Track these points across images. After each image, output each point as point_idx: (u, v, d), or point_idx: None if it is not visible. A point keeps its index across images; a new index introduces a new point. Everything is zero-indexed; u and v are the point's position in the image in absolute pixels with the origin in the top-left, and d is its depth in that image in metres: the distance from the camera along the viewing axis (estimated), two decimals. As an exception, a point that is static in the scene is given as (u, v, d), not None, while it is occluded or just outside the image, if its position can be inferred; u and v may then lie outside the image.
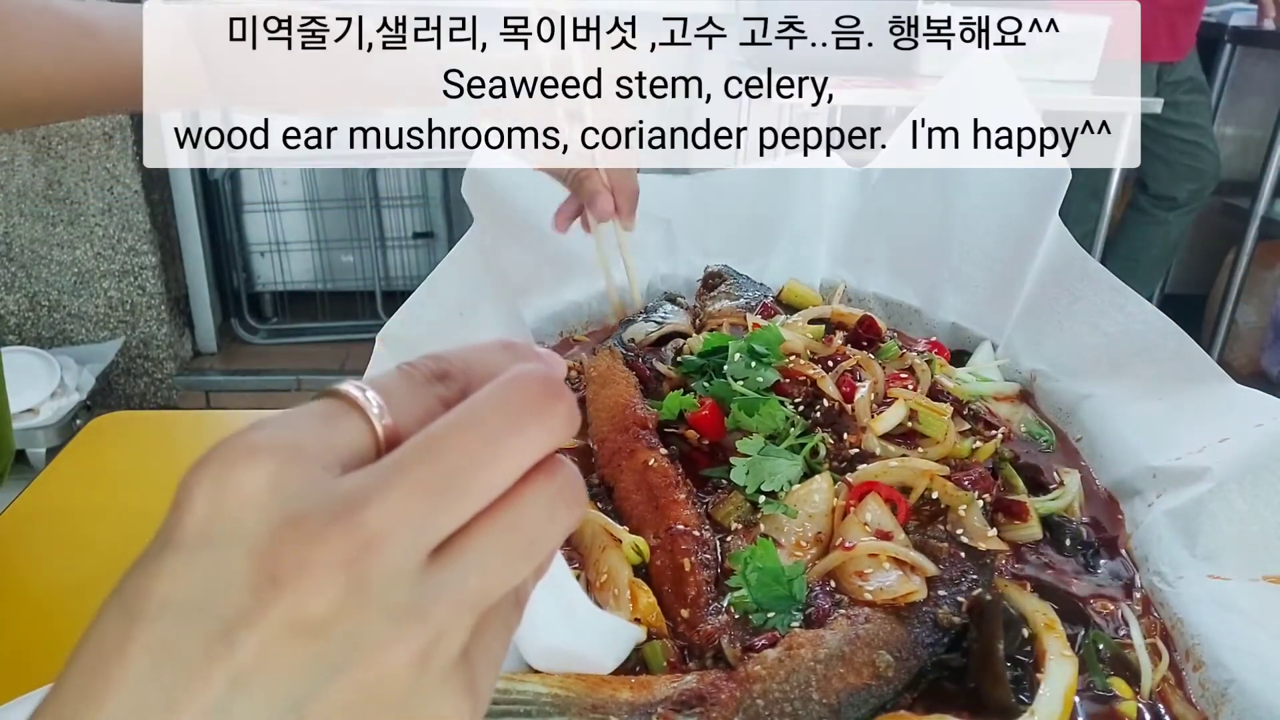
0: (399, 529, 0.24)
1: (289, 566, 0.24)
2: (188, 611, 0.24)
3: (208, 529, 0.24)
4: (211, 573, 0.24)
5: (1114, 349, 0.80)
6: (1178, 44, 2.76)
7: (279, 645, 0.23)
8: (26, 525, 0.88)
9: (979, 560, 0.61)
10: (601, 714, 0.47)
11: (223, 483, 0.24)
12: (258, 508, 0.24)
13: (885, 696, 0.51)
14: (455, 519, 0.26)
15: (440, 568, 0.25)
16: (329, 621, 0.24)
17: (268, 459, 0.25)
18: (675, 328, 0.91)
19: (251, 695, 0.23)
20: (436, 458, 0.25)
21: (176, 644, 0.23)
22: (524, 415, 0.27)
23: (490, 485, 0.26)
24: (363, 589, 0.24)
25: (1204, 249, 3.40)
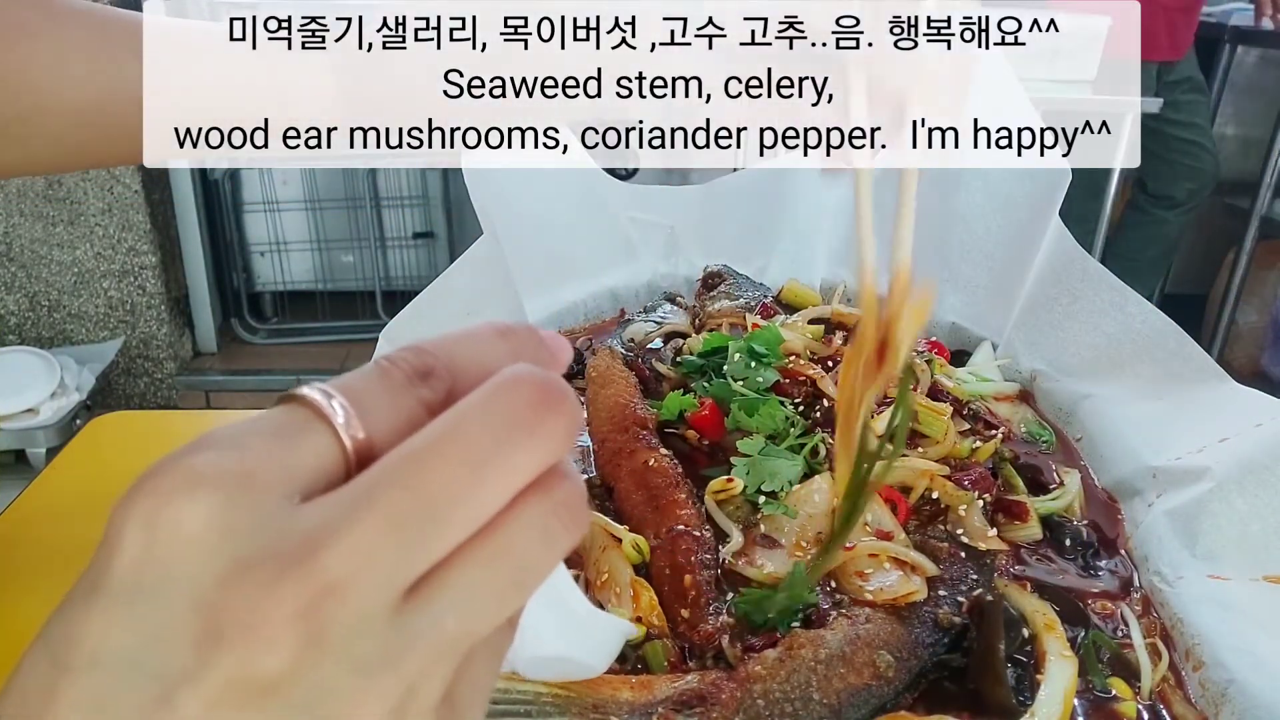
0: (365, 572, 0.21)
1: (236, 619, 0.20)
2: (121, 668, 0.20)
3: (141, 574, 0.21)
4: (147, 625, 0.21)
5: (1114, 349, 0.80)
6: (1177, 43, 2.76)
7: (226, 709, 0.20)
8: (26, 525, 0.88)
9: (979, 560, 0.61)
10: (602, 714, 0.47)
11: (157, 520, 0.21)
12: (199, 550, 0.21)
13: (886, 697, 0.51)
14: (431, 556, 0.22)
15: (415, 609, 0.22)
16: (284, 680, 0.20)
17: (211, 491, 0.21)
18: (675, 328, 0.91)
19: None
20: (411, 484, 0.22)
21: (108, 704, 0.20)
22: (516, 431, 0.23)
23: (474, 515, 0.22)
24: (322, 642, 0.21)
25: (1204, 249, 3.40)
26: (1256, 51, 3.36)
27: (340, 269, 3.30)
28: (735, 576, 0.61)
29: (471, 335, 0.26)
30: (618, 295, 1.04)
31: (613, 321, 0.99)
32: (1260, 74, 3.40)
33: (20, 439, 2.43)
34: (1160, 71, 2.78)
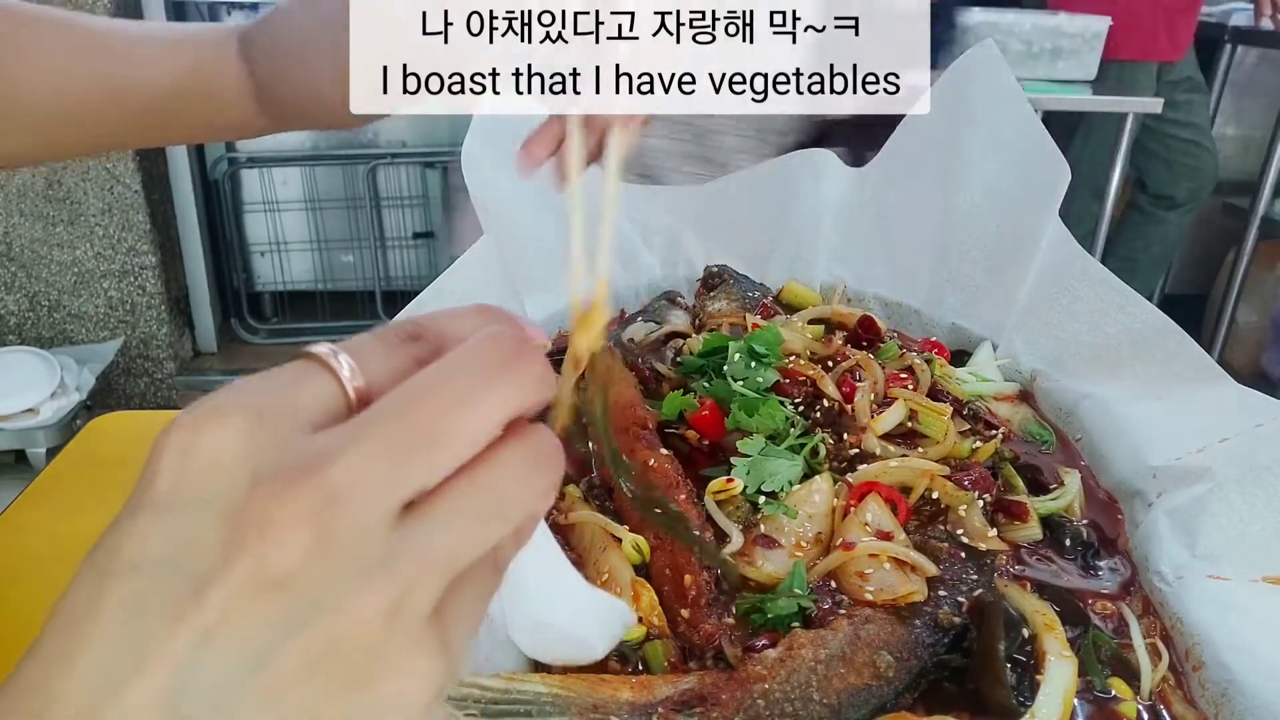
0: (365, 485, 0.25)
1: (254, 524, 0.24)
2: (157, 570, 0.24)
3: (177, 490, 0.25)
4: (180, 532, 0.24)
5: (1114, 349, 0.80)
6: (1176, 43, 2.76)
7: (245, 601, 0.24)
8: (26, 525, 0.88)
9: (979, 560, 0.61)
10: (602, 714, 0.47)
11: (192, 444, 0.25)
12: (225, 468, 0.25)
13: (886, 697, 0.51)
14: (423, 476, 0.26)
15: (409, 526, 0.25)
16: (294, 576, 0.24)
17: (236, 420, 0.25)
18: (675, 328, 0.91)
19: (219, 651, 0.24)
20: (404, 415, 0.26)
21: (146, 602, 0.24)
22: (493, 374, 0.27)
23: (459, 444, 0.26)
24: (328, 544, 0.24)
25: (1204, 249, 3.40)
26: (1256, 51, 3.36)
27: (340, 269, 3.30)
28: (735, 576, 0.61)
29: (455, 312, 0.30)
30: (618, 295, 1.04)
31: (613, 322, 0.99)
32: (1260, 74, 3.40)
33: (20, 439, 2.43)
34: (1160, 71, 2.79)
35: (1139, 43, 2.71)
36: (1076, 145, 2.71)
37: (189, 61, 0.72)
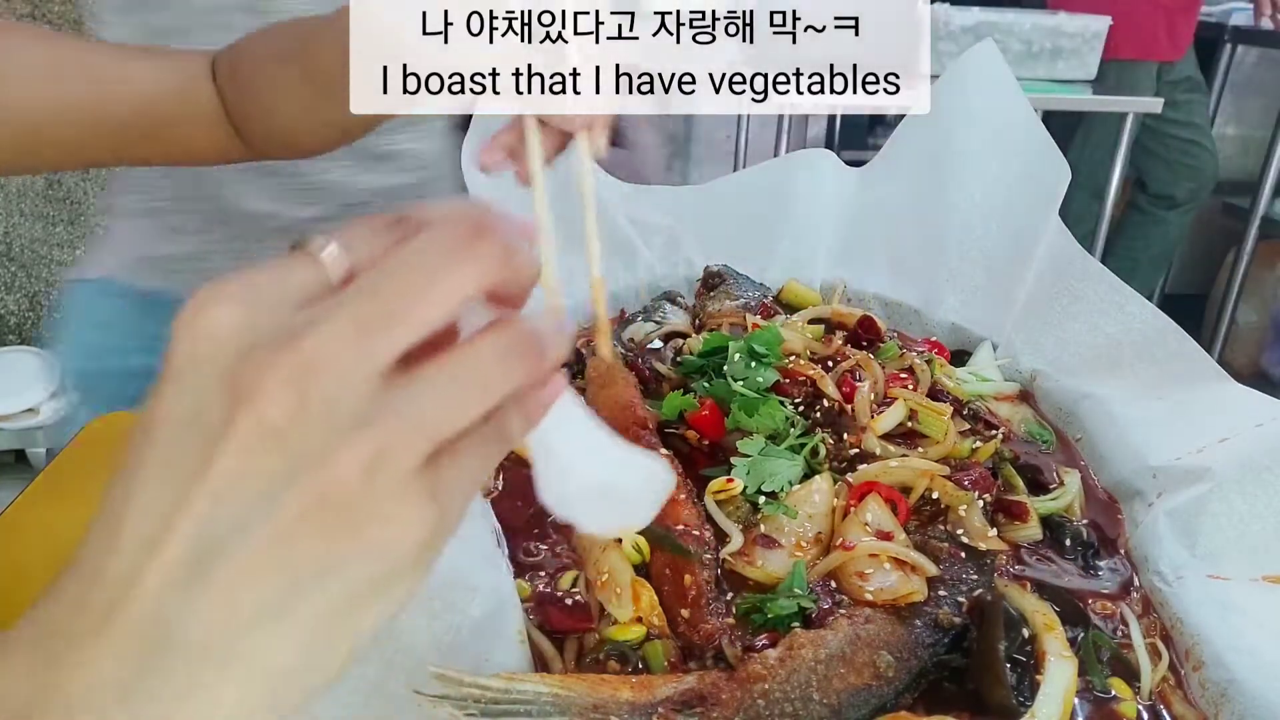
0: (337, 354, 0.28)
1: (246, 389, 0.28)
2: (180, 427, 0.29)
3: (189, 358, 0.29)
4: (193, 395, 0.29)
5: (1114, 349, 0.80)
6: (1176, 43, 2.76)
7: (247, 458, 0.28)
8: (26, 525, 0.88)
9: (979, 560, 0.61)
10: (602, 713, 0.47)
11: (197, 323, 0.29)
12: (223, 341, 0.29)
13: (886, 697, 0.51)
14: (388, 347, 0.29)
15: (390, 391, 0.29)
16: (284, 433, 0.28)
17: (232, 301, 0.29)
18: (674, 328, 0.91)
19: (231, 504, 0.28)
20: (374, 292, 0.29)
21: (174, 455, 0.29)
22: (453, 253, 0.30)
23: (420, 317, 0.29)
24: (308, 405, 0.28)
25: (1204, 249, 3.40)
26: (1256, 51, 3.36)
27: (340, 269, 3.29)
28: (735, 576, 0.61)
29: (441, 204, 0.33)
30: (617, 295, 1.04)
31: (613, 322, 0.99)
32: (1260, 74, 3.40)
33: (20, 439, 2.42)
34: (1160, 71, 2.79)
35: (1139, 42, 2.71)
36: (1076, 145, 2.71)
37: (168, 84, 0.74)
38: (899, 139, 1.04)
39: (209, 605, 0.29)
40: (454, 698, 0.43)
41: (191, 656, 0.29)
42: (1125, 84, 2.68)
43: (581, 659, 0.55)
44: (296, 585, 0.29)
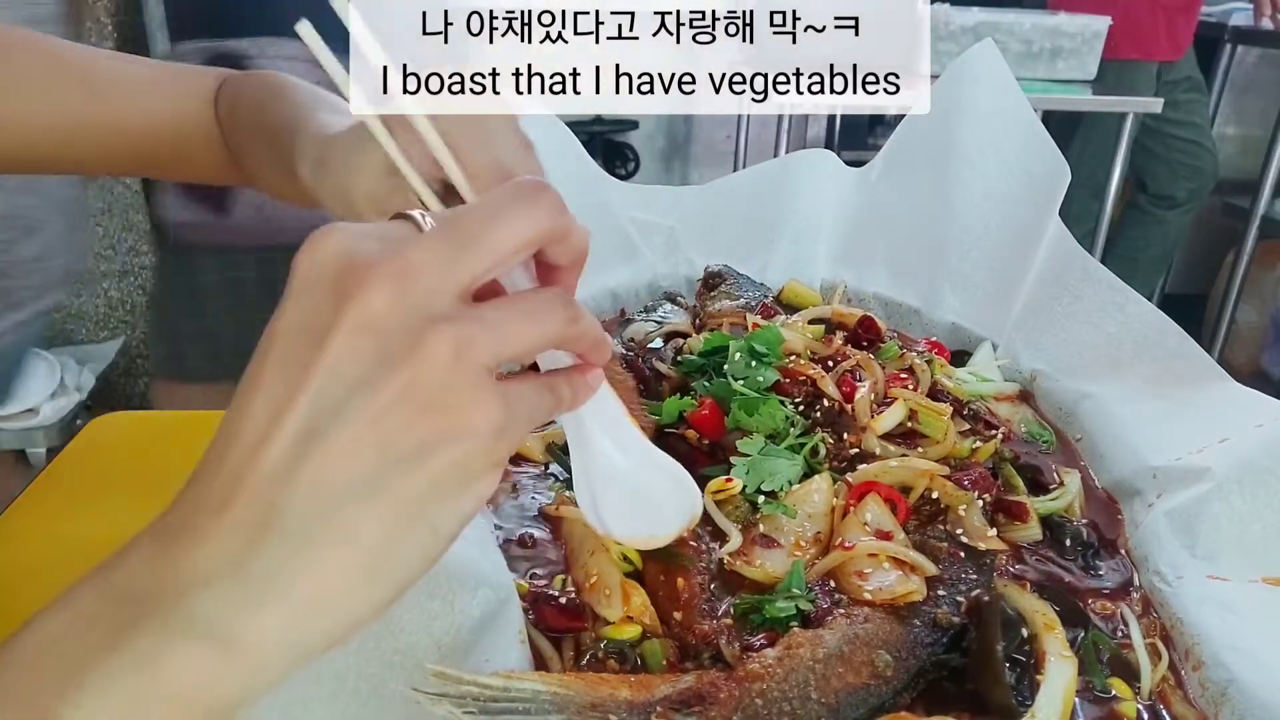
0: (430, 261, 0.34)
1: (353, 286, 0.33)
2: (297, 332, 0.34)
3: (306, 278, 0.34)
4: (309, 304, 0.34)
5: (1114, 348, 0.80)
6: (1176, 43, 2.76)
7: (352, 341, 0.33)
8: (26, 525, 0.88)
9: (978, 560, 0.61)
10: (600, 712, 0.47)
11: (312, 248, 0.34)
12: (334, 259, 0.34)
13: (884, 696, 0.51)
14: (475, 259, 0.35)
15: (468, 306, 0.35)
16: (382, 319, 0.33)
17: (341, 233, 0.35)
18: (675, 327, 0.91)
19: (338, 382, 0.33)
20: (457, 222, 0.36)
21: (291, 354, 0.34)
22: (518, 201, 0.37)
23: (500, 244, 0.35)
24: (405, 297, 0.33)
25: (1204, 249, 3.40)
26: (1256, 51, 3.36)
27: (340, 269, 3.29)
28: (734, 576, 0.61)
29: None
30: (618, 295, 1.04)
31: (613, 321, 0.99)
32: (1260, 74, 3.40)
33: (20, 439, 2.42)
34: (1160, 71, 2.79)
35: (1139, 42, 2.71)
36: (1076, 145, 2.71)
37: (173, 106, 0.76)
38: (899, 139, 1.04)
39: (309, 484, 0.33)
40: (453, 696, 0.43)
41: (293, 532, 0.32)
42: (1125, 84, 2.68)
43: (579, 658, 0.55)
44: (388, 464, 0.33)
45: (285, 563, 0.33)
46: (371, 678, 0.47)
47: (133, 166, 0.81)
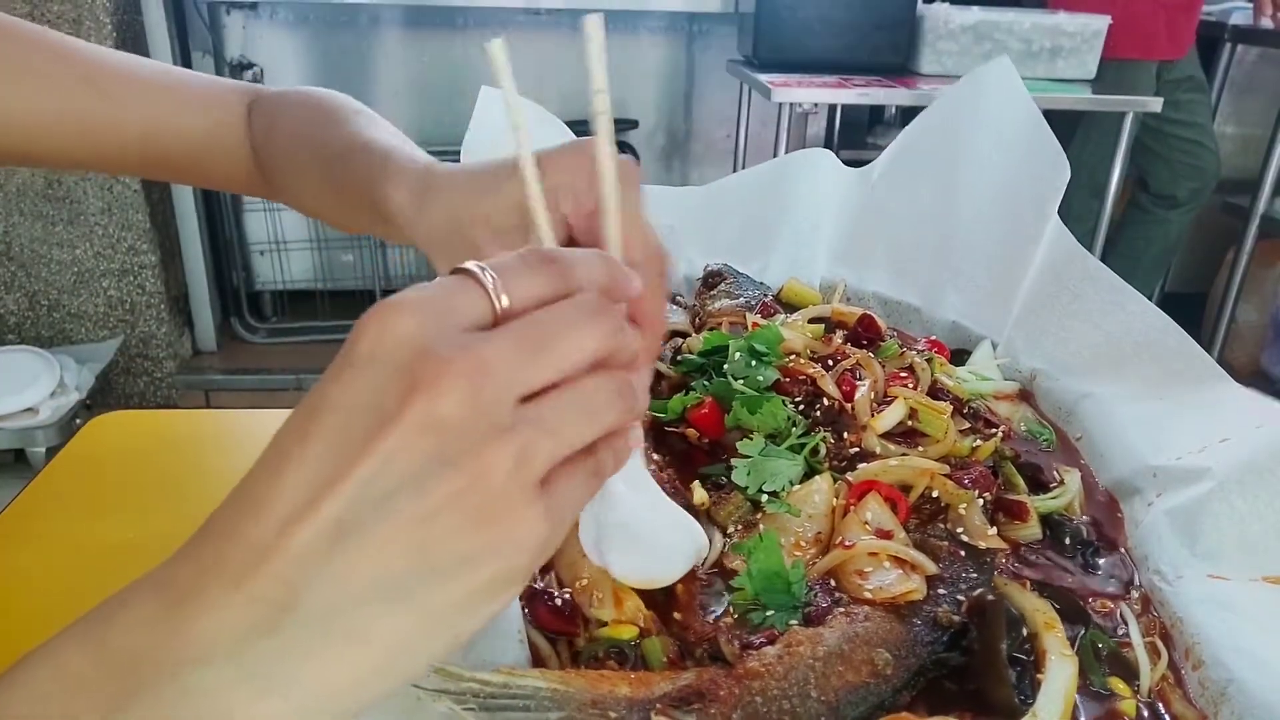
0: (505, 364, 0.33)
1: (426, 379, 0.32)
2: (353, 410, 0.32)
3: (372, 353, 0.32)
4: (372, 382, 0.32)
5: (1114, 348, 0.80)
6: (1177, 42, 2.76)
7: (414, 437, 0.31)
8: (26, 525, 0.88)
9: (979, 559, 0.61)
10: (600, 709, 0.47)
11: (383, 322, 0.33)
12: (407, 340, 0.32)
13: (884, 694, 0.51)
14: (542, 371, 0.34)
15: (528, 407, 0.34)
16: (449, 422, 0.31)
17: (414, 309, 0.33)
18: (674, 327, 0.91)
19: (392, 473, 0.31)
20: (533, 328, 0.35)
21: (344, 432, 0.32)
22: (591, 319, 0.36)
23: (566, 354, 0.35)
24: (476, 400, 0.32)
25: (1204, 248, 3.40)
26: (1256, 50, 3.36)
27: (340, 268, 3.30)
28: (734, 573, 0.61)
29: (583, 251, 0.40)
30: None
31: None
32: (1260, 73, 3.41)
33: (20, 439, 2.43)
34: (1161, 70, 2.78)
35: (1139, 42, 2.71)
36: (1076, 144, 2.71)
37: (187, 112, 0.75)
38: (904, 143, 1.04)
39: (337, 576, 0.31)
40: (453, 692, 0.43)
41: (310, 623, 0.31)
42: (1125, 83, 2.68)
43: (575, 660, 0.54)
44: (423, 570, 0.32)
45: (295, 653, 0.31)
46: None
47: (141, 169, 0.78)
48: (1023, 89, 0.94)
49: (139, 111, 0.72)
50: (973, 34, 2.63)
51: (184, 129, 0.75)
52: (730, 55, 3.00)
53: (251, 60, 3.08)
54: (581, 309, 0.36)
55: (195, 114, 0.75)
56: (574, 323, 0.36)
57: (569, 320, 0.36)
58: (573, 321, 0.36)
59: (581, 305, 0.37)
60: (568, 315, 0.36)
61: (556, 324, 0.35)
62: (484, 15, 3.11)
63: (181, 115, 0.74)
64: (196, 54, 3.05)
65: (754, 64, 2.73)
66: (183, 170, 0.79)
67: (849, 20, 2.64)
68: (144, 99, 0.73)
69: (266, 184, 0.78)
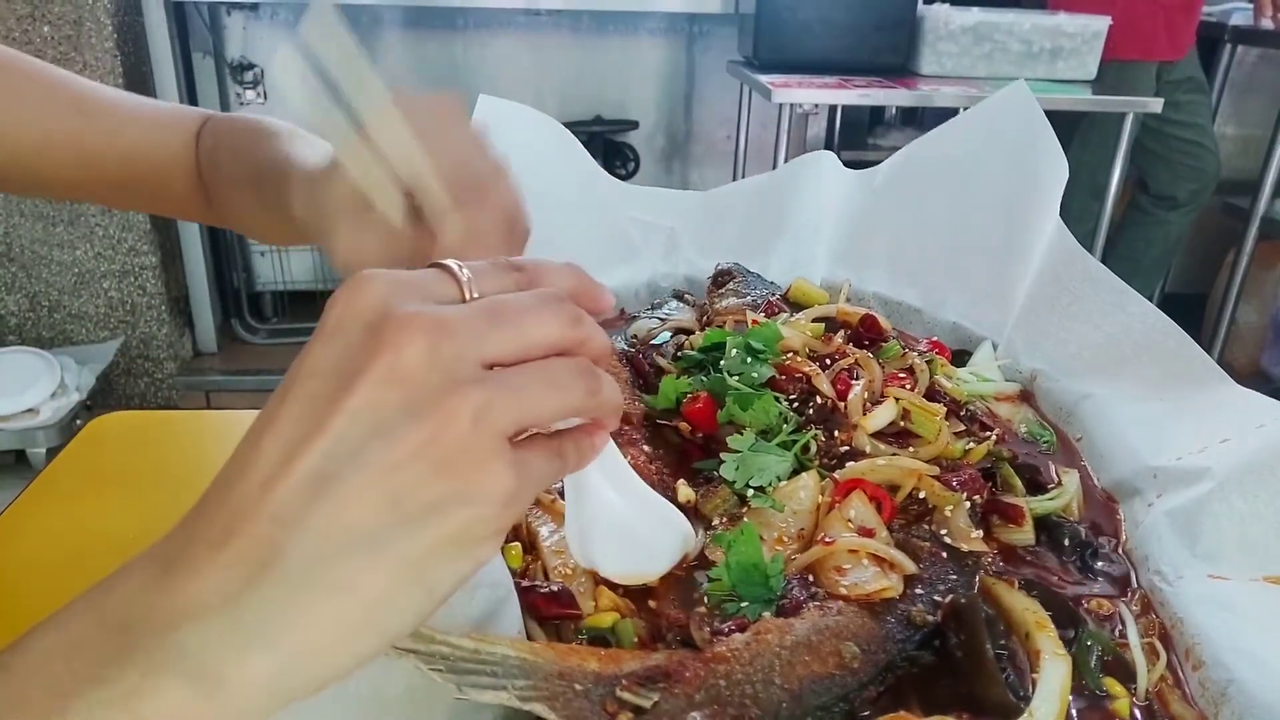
0: (467, 326, 0.35)
1: (388, 337, 0.33)
2: (325, 373, 0.34)
3: (340, 320, 0.35)
4: (340, 345, 0.34)
5: (1114, 349, 0.80)
6: (1177, 43, 2.76)
7: (379, 390, 0.33)
8: (26, 525, 0.88)
9: (961, 561, 0.61)
10: (566, 681, 0.47)
11: (352, 292, 0.35)
12: (374, 304, 0.34)
13: (849, 687, 0.51)
14: (503, 341, 0.36)
15: (493, 373, 0.35)
16: (413, 375, 0.33)
17: (383, 280, 0.35)
18: (680, 324, 0.91)
19: (360, 426, 0.33)
20: (496, 303, 0.37)
21: (316, 394, 0.34)
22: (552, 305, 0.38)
23: (528, 331, 0.37)
24: (437, 353, 0.34)
25: (1204, 249, 3.40)
26: (1256, 51, 3.36)
27: (340, 269, 3.29)
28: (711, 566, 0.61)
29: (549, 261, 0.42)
30: (617, 295, 1.04)
31: (615, 321, 1.00)
32: (1260, 74, 3.41)
33: (20, 439, 2.43)
34: (1161, 71, 2.79)
35: (1138, 43, 2.71)
36: (1076, 145, 2.71)
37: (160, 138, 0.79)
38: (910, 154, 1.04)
39: (315, 529, 0.32)
40: (421, 652, 0.44)
41: (293, 577, 0.32)
42: (1125, 84, 2.68)
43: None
44: (397, 519, 0.33)
45: (280, 607, 0.32)
46: (373, 680, 0.47)
47: (109, 196, 0.82)
48: (1037, 108, 0.94)
49: (121, 136, 0.77)
50: (973, 35, 2.63)
51: (154, 150, 0.79)
52: (730, 56, 3.01)
53: (252, 61, 3.08)
54: (543, 297, 0.38)
55: (165, 135, 0.79)
56: (535, 308, 0.37)
57: (530, 304, 0.38)
58: (533, 306, 0.38)
59: (543, 294, 0.39)
60: (530, 300, 0.38)
61: (519, 303, 0.37)
62: (484, 15, 3.12)
63: (152, 136, 0.79)
64: (197, 55, 3.05)
65: (754, 65, 2.74)
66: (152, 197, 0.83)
67: (849, 21, 2.64)
68: (124, 122, 0.77)
69: (209, 206, 0.81)
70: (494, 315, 0.36)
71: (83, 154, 0.76)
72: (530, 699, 0.45)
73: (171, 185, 0.80)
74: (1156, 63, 2.76)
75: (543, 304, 0.38)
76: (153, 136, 0.78)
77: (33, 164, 0.75)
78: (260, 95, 3.11)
